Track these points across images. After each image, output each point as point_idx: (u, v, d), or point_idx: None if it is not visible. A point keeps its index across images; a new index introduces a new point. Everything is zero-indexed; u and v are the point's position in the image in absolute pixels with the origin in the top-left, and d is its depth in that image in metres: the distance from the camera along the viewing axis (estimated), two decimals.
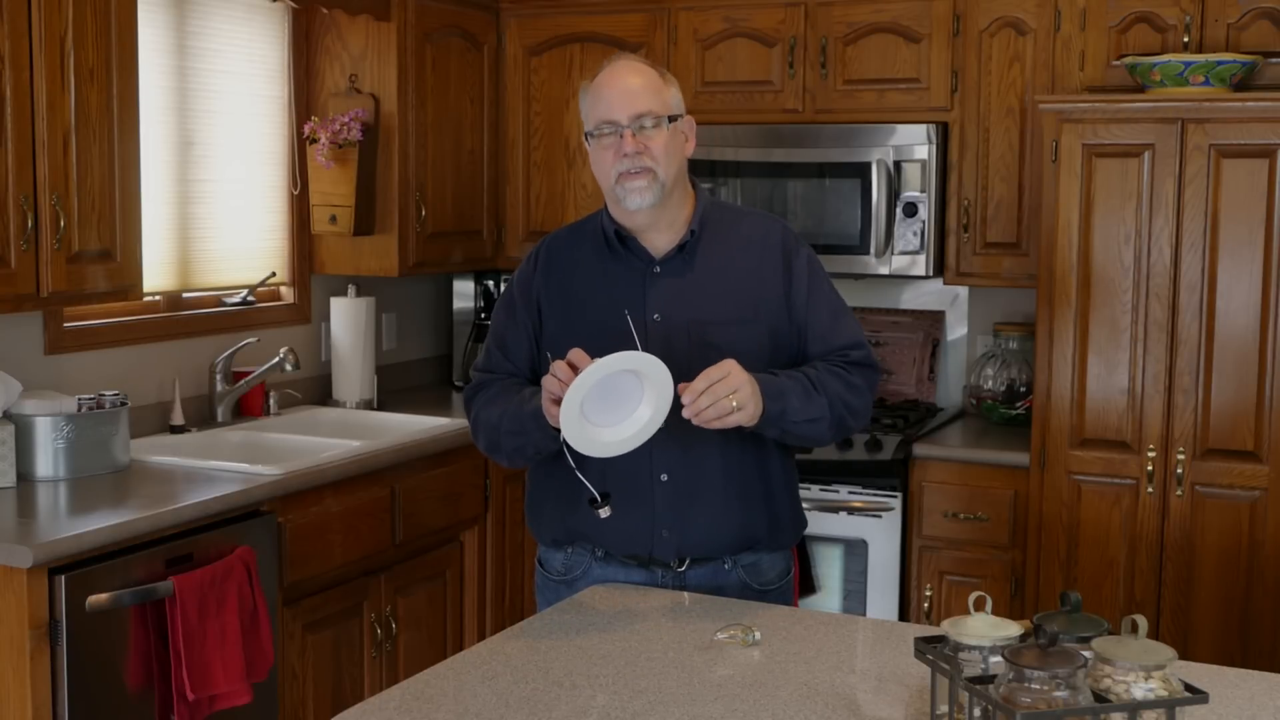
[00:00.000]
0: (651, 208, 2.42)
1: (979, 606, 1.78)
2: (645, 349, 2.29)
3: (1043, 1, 3.93)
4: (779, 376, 2.37)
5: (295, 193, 4.29)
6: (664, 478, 2.43)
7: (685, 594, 2.44)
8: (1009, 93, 4.00)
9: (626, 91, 2.40)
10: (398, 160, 4.20)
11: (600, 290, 2.49)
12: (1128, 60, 3.70)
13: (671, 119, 2.43)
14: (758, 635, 2.17)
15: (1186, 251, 3.52)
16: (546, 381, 2.27)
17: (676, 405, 2.26)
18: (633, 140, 2.38)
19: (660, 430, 2.29)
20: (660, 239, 2.48)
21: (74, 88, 3.09)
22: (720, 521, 2.46)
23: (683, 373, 2.26)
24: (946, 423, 4.21)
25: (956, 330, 4.46)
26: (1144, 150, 3.54)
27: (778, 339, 2.47)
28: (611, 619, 2.29)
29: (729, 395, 2.24)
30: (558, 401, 2.21)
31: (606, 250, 2.50)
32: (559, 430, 2.26)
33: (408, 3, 4.18)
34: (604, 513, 2.32)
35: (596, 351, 2.24)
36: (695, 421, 2.26)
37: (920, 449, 3.89)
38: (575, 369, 2.22)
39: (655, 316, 2.44)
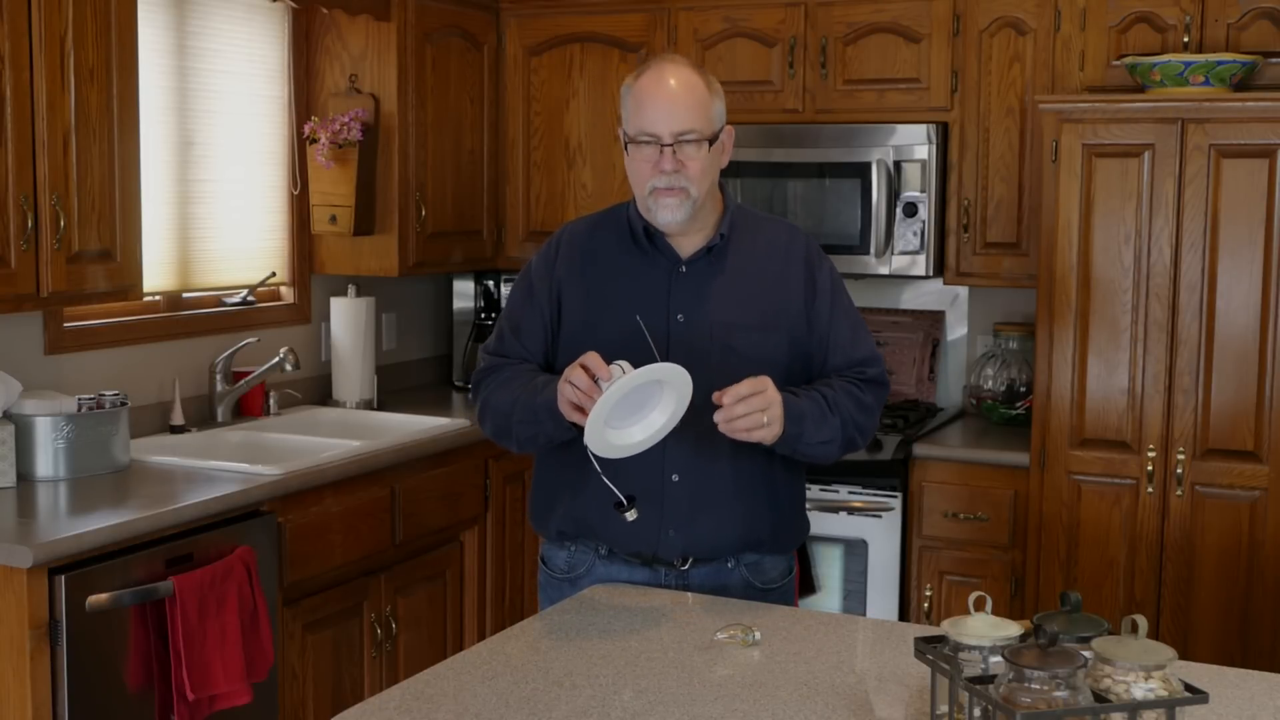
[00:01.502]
0: (681, 223, 2.43)
1: (979, 606, 1.78)
2: (667, 349, 2.31)
3: (1043, 1, 3.93)
4: (799, 398, 2.37)
5: (295, 193, 4.29)
6: (675, 478, 2.43)
7: (687, 594, 2.45)
8: (1009, 93, 4.00)
9: (672, 106, 2.37)
10: (398, 160, 4.20)
11: (625, 287, 2.48)
12: (1128, 60, 3.70)
13: (713, 138, 2.41)
14: (758, 635, 2.18)
15: (1186, 251, 3.52)
16: (564, 388, 2.27)
17: (691, 408, 2.27)
18: (671, 159, 2.37)
19: (674, 431, 2.30)
20: (688, 240, 2.48)
21: (74, 88, 3.09)
22: (726, 524, 2.47)
23: (702, 375, 2.26)
24: (946, 423, 4.21)
25: (956, 330, 4.46)
26: (1144, 150, 3.54)
27: (795, 347, 2.48)
28: (612, 619, 2.29)
29: (763, 410, 2.26)
30: (575, 405, 2.24)
31: (632, 246, 2.50)
32: (572, 424, 2.29)
33: (408, 3, 4.18)
34: (630, 515, 2.33)
35: (618, 351, 2.27)
36: (723, 429, 2.27)
37: (920, 449, 3.89)
38: (588, 370, 2.23)
39: (679, 317, 2.44)
